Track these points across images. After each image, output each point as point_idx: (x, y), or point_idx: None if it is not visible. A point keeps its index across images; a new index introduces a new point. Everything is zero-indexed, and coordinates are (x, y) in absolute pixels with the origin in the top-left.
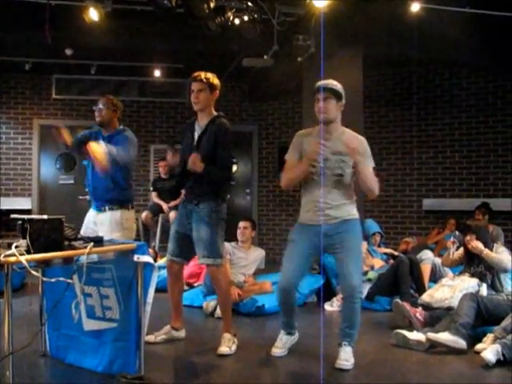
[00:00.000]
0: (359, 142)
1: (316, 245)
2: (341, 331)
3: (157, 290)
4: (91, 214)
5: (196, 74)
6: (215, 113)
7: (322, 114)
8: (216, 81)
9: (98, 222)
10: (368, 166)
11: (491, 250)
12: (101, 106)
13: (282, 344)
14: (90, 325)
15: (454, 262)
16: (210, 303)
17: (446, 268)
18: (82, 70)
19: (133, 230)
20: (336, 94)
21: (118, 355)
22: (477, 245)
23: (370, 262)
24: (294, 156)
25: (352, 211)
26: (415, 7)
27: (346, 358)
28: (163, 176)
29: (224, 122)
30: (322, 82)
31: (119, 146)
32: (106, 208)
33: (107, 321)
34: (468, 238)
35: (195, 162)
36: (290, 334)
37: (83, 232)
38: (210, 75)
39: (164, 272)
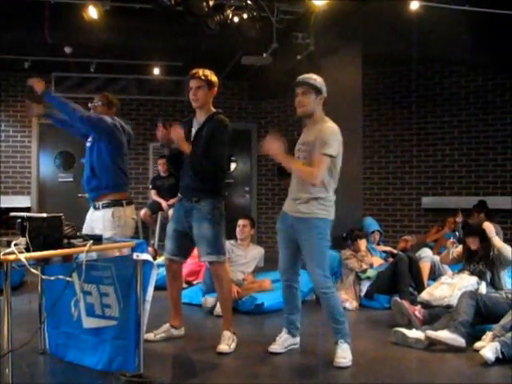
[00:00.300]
0: (318, 130)
1: (292, 235)
2: (331, 329)
3: (156, 288)
4: (90, 212)
5: (194, 71)
6: (214, 110)
7: (299, 108)
8: (214, 78)
9: (94, 220)
10: (317, 152)
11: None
12: (96, 102)
13: (281, 341)
14: (89, 323)
15: (453, 259)
16: (208, 299)
17: (445, 266)
18: (81, 68)
19: (129, 227)
20: (314, 88)
21: (118, 353)
22: (490, 226)
23: (369, 260)
24: None
25: (316, 210)
26: (414, 5)
27: (343, 355)
28: (162, 174)
29: (223, 119)
30: (300, 77)
31: None
32: (100, 205)
33: (106, 319)
34: (471, 237)
35: (179, 135)
36: (290, 333)
37: (84, 229)
38: (208, 72)
39: (163, 270)
